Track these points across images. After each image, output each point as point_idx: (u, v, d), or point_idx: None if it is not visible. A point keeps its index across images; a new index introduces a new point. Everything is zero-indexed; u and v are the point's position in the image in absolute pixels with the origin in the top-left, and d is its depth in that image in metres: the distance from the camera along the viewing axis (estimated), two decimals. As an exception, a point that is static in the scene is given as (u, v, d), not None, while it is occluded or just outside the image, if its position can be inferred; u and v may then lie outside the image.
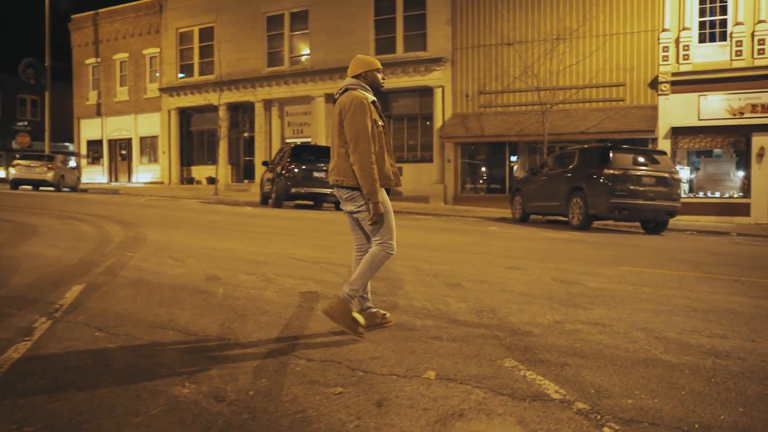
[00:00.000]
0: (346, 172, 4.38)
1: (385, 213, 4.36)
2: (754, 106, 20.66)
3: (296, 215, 16.21)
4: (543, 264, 8.41)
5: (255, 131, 29.44)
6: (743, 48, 20.81)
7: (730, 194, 21.57)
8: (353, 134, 4.30)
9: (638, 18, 22.11)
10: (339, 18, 26.91)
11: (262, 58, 29.12)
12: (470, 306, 5.56)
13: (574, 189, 14.79)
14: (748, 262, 9.76)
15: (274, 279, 6.55)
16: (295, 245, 9.48)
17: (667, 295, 6.49)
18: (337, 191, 4.54)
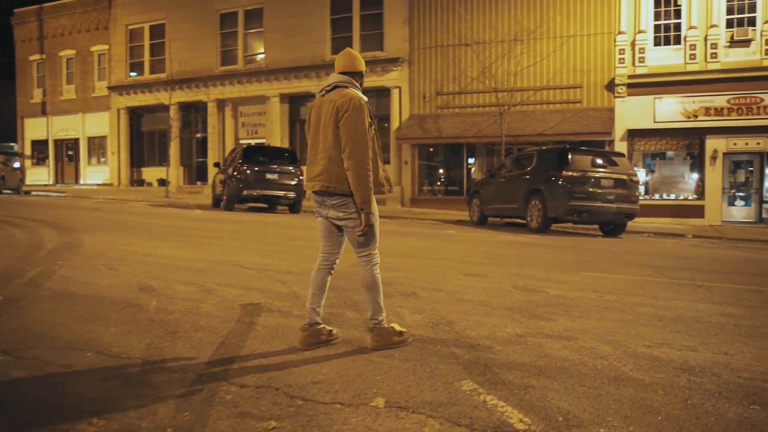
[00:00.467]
0: (339, 178, 4.03)
1: (371, 224, 4.09)
2: (707, 109, 20.85)
3: (247, 218, 15.64)
4: (502, 270, 8.08)
5: (208, 132, 28.66)
6: (697, 52, 20.99)
7: (685, 196, 21.74)
8: (352, 138, 3.97)
9: (595, 20, 22.14)
10: (294, 16, 26.36)
11: (215, 57, 28.37)
12: (425, 318, 5.17)
13: (532, 191, 14.58)
14: (708, 265, 9.61)
15: (215, 289, 6.06)
16: (243, 251, 8.97)
17: (631, 302, 6.20)
18: (320, 197, 4.16)
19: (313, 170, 4.14)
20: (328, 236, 4.26)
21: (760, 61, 20.52)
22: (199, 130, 29.79)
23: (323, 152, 4.06)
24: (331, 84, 4.13)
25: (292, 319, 4.97)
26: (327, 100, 4.09)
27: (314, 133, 4.17)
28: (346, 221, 4.09)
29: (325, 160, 4.03)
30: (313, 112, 4.22)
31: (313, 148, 4.19)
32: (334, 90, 4.11)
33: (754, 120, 20.45)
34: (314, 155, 4.16)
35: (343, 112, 3.94)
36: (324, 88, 4.18)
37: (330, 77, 4.19)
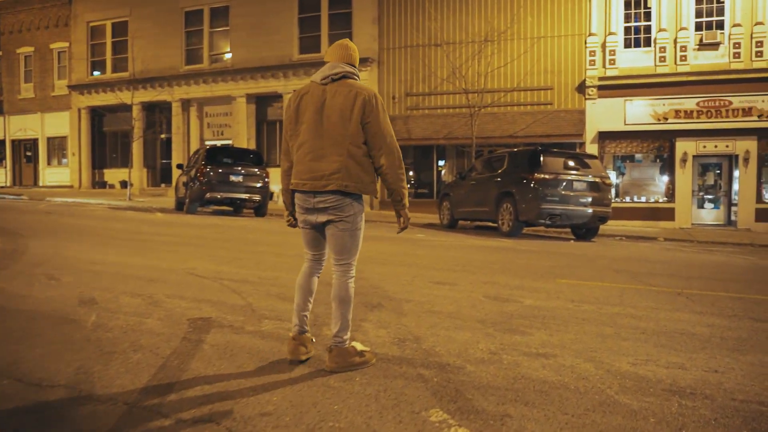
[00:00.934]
0: (357, 177, 3.72)
1: (360, 229, 3.87)
2: (677, 112, 20.82)
3: (209, 222, 15.06)
4: (474, 277, 7.70)
5: (172, 132, 27.91)
6: (666, 54, 20.95)
7: (655, 199, 21.68)
8: (386, 135, 3.73)
9: (565, 22, 21.99)
10: (261, 15, 25.79)
11: (180, 56, 27.65)
12: (391, 334, 4.75)
13: (503, 194, 14.27)
14: (684, 271, 9.35)
15: (163, 301, 5.56)
16: (200, 257, 8.45)
17: (610, 313, 5.86)
18: (312, 199, 3.76)
19: (320, 167, 3.70)
20: (316, 243, 3.93)
21: (729, 64, 20.55)
22: (164, 131, 29.02)
23: (338, 147, 3.67)
24: (340, 73, 3.74)
25: (244, 336, 4.52)
26: (338, 91, 3.69)
27: (314, 126, 3.72)
28: (340, 223, 3.74)
29: (342, 157, 3.66)
30: (309, 101, 3.76)
31: (311, 143, 3.73)
32: (343, 80, 3.73)
33: (723, 123, 20.46)
34: (316, 151, 3.71)
35: (373, 107, 3.66)
36: (329, 76, 3.76)
37: (333, 66, 3.80)
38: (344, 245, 3.76)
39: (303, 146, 3.74)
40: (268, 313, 5.32)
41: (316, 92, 3.76)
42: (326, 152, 3.65)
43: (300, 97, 3.83)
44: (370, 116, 3.65)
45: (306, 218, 3.83)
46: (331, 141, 3.64)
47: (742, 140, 20.44)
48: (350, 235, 3.78)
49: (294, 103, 3.85)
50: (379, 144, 3.69)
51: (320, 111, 3.70)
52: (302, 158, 3.74)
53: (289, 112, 3.88)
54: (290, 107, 3.88)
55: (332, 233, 3.78)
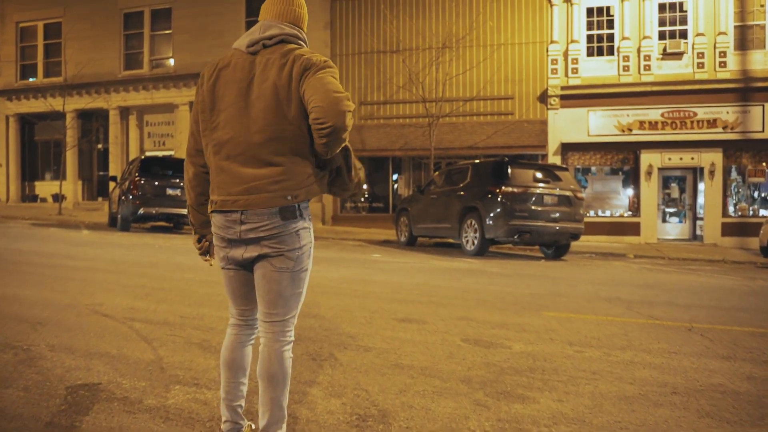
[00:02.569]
0: (305, 179, 2.48)
1: (307, 270, 2.59)
2: (641, 123, 20.10)
3: (140, 241, 13.42)
4: (445, 311, 6.40)
5: (109, 142, 26.00)
6: (630, 63, 20.24)
7: (620, 213, 20.86)
8: (329, 95, 2.34)
9: (527, 28, 21.09)
10: (206, 17, 24.23)
11: (118, 60, 25.82)
12: (348, 406, 3.42)
13: (467, 209, 13.07)
14: (680, 297, 8.24)
15: (42, 357, 4.13)
16: (113, 289, 6.94)
17: (622, 361, 4.65)
18: (244, 224, 2.46)
19: (250, 174, 2.44)
20: (246, 290, 2.62)
21: (693, 74, 19.94)
22: (101, 141, 27.07)
23: (275, 144, 2.42)
24: (275, 36, 2.49)
25: (139, 418, 3.15)
26: (271, 61, 2.45)
27: (239, 115, 2.46)
28: (278, 259, 2.45)
29: (283, 157, 2.42)
30: (230, 79, 2.50)
31: (236, 141, 2.46)
32: (279, 46, 2.48)
33: (688, 134, 19.81)
34: (244, 152, 2.45)
35: (315, 69, 2.38)
36: (259, 40, 2.50)
37: (265, 25, 2.53)
38: (281, 294, 2.48)
39: (225, 146, 2.47)
40: (182, 373, 3.94)
41: (240, 65, 2.49)
42: (258, 152, 2.42)
43: (216, 73, 2.52)
44: (310, 75, 2.38)
45: (229, 254, 2.53)
46: (264, 135, 2.41)
47: (708, 152, 19.81)
48: (291, 278, 2.48)
49: (208, 81, 2.53)
50: (316, 110, 2.32)
51: (246, 92, 2.45)
52: (223, 163, 2.48)
53: (201, 94, 2.54)
54: (202, 87, 2.55)
55: (264, 274, 2.48)
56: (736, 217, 20.04)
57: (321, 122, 2.30)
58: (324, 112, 2.29)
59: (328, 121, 2.29)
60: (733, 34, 19.83)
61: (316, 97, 2.31)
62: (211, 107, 2.51)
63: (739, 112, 19.59)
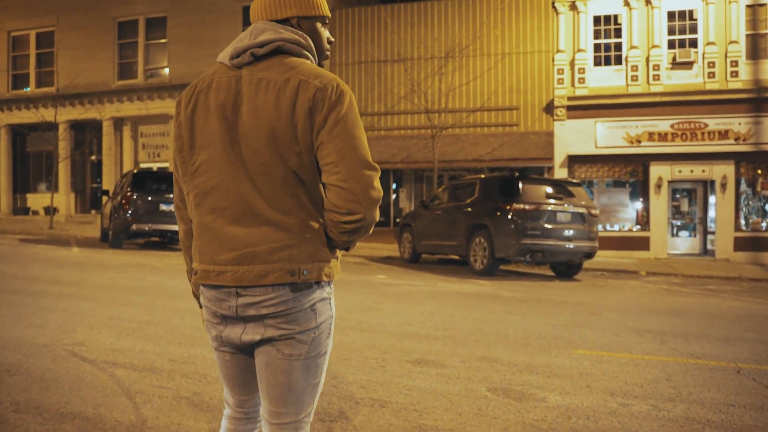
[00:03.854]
0: (313, 248, 1.83)
1: (327, 352, 1.92)
2: (651, 134, 19.50)
3: (132, 261, 12.74)
4: (464, 350, 5.75)
5: (103, 153, 25.33)
6: (639, 73, 19.66)
7: (629, 227, 20.24)
8: (353, 154, 1.78)
9: (532, 37, 20.51)
10: (201, 26, 23.63)
11: (112, 69, 25.19)
12: None
13: (475, 227, 12.44)
14: (713, 327, 7.58)
15: (2, 421, 3.49)
16: (96, 322, 6.28)
17: (676, 418, 4.02)
18: (241, 297, 1.81)
19: (244, 238, 1.80)
20: (246, 376, 1.97)
21: (704, 84, 19.37)
22: (94, 152, 26.41)
23: (276, 193, 1.78)
24: (267, 42, 1.84)
25: None
26: (264, 81, 1.81)
27: (224, 153, 1.82)
28: (286, 344, 1.81)
29: (288, 216, 1.78)
30: (211, 105, 1.85)
31: (222, 189, 1.82)
32: (275, 59, 1.84)
33: (699, 146, 19.21)
34: (233, 204, 1.81)
35: (332, 103, 1.76)
36: (247, 49, 1.84)
37: (257, 30, 1.87)
38: (292, 388, 1.85)
39: (209, 195, 1.84)
40: (165, 444, 3.31)
41: (223, 85, 1.84)
42: (254, 204, 1.78)
43: (194, 98, 1.87)
44: (328, 123, 1.75)
45: (223, 334, 1.89)
46: (261, 180, 1.78)
47: (719, 165, 19.21)
48: (305, 367, 1.85)
49: (185, 109, 1.89)
50: (338, 167, 1.75)
51: (234, 122, 1.81)
52: (207, 218, 1.85)
53: (178, 127, 1.90)
54: (178, 117, 1.91)
55: (269, 362, 1.84)
56: (748, 231, 19.44)
57: (346, 212, 1.75)
58: (350, 199, 1.74)
59: (357, 211, 1.74)
60: (744, 43, 19.28)
61: (341, 171, 1.73)
62: (190, 144, 1.86)
63: (752, 123, 19.02)
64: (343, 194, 1.73)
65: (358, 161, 1.74)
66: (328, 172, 1.74)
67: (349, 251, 2.00)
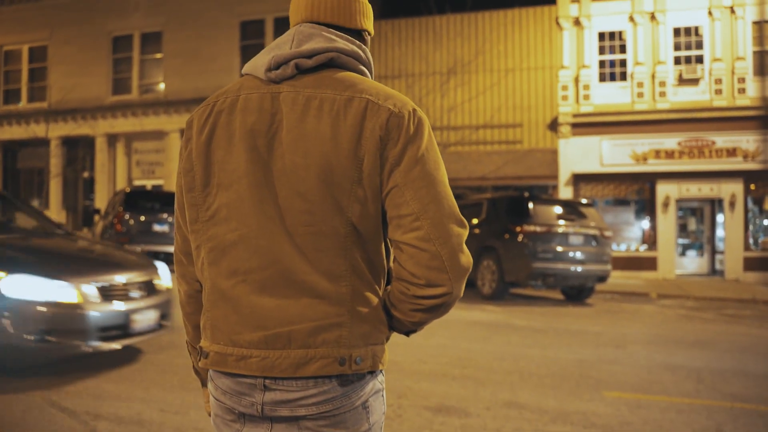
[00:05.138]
0: (370, 328, 1.38)
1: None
2: (657, 152, 19.05)
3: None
4: (487, 392, 5.20)
5: (96, 170, 24.77)
6: (644, 90, 19.25)
7: (635, 247, 19.74)
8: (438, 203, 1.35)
9: (535, 53, 20.09)
10: (198, 41, 23.16)
11: (106, 85, 24.66)
12: None
13: (484, 249, 11.91)
14: (749, 361, 7.02)
15: None
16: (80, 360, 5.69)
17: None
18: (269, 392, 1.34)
19: (276, 312, 1.34)
20: None
21: (711, 101, 18.96)
22: (87, 169, 25.85)
23: (323, 252, 1.34)
24: (317, 52, 1.40)
25: None
26: (314, 100, 1.35)
27: (251, 192, 1.36)
28: None
29: (339, 285, 1.33)
30: (232, 127, 1.40)
31: (249, 243, 1.36)
32: (327, 73, 1.40)
33: (707, 164, 18.77)
34: (262, 267, 1.35)
35: (406, 139, 1.34)
36: (284, 59, 1.39)
37: (303, 35, 1.42)
38: None
39: (229, 252, 1.39)
40: None
41: (254, 104, 1.40)
42: (293, 268, 1.34)
43: (213, 120, 1.42)
44: (404, 162, 1.33)
45: None
46: (305, 235, 1.34)
47: (727, 183, 18.76)
48: None
49: (199, 134, 1.44)
50: (420, 220, 1.33)
51: (268, 154, 1.37)
52: (225, 284, 1.39)
53: (188, 157, 1.42)
54: (189, 144, 1.46)
55: None
56: (758, 251, 18.96)
57: (426, 284, 1.32)
58: (433, 266, 1.31)
59: (441, 283, 1.32)
60: (751, 60, 18.91)
61: (423, 226, 1.30)
62: (205, 181, 1.40)
63: (760, 140, 18.60)
64: (424, 258, 1.31)
65: (445, 214, 1.32)
66: (402, 227, 1.32)
67: (409, 336, 1.49)
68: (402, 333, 1.48)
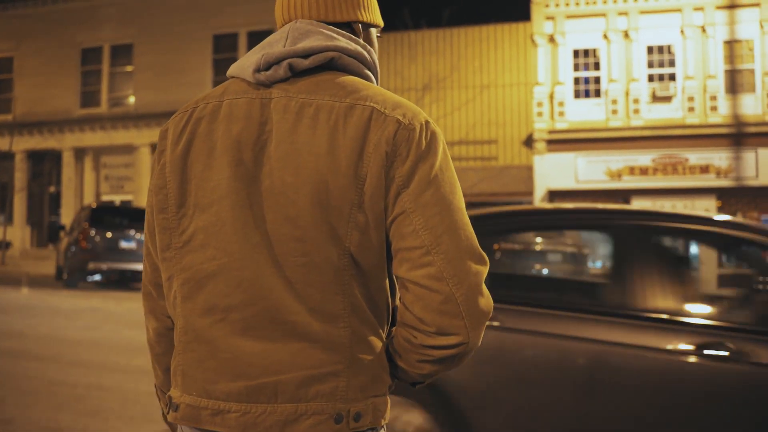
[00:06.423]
0: (369, 379, 1.14)
1: None
2: (632, 169, 19.12)
3: (84, 305, 11.67)
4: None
5: (63, 185, 24.16)
6: (619, 107, 19.34)
7: (610, 264, 19.71)
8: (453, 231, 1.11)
9: (511, 70, 20.10)
10: (170, 53, 22.79)
11: (75, 97, 24.17)
12: None
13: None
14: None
15: None
16: (33, 387, 5.33)
17: None
18: None
19: (254, 352, 1.12)
20: None
21: (683, 118, 19.11)
22: (53, 183, 25.22)
23: (322, 289, 1.12)
24: (314, 51, 1.17)
25: None
26: (308, 106, 1.14)
27: (233, 215, 1.13)
28: None
29: (333, 320, 1.11)
30: (214, 137, 1.17)
31: (229, 269, 1.13)
32: (324, 75, 1.18)
33: (680, 181, 18.88)
34: (243, 292, 1.12)
35: (417, 156, 1.12)
36: (275, 58, 1.17)
37: (299, 31, 1.20)
38: None
39: (205, 286, 1.15)
40: None
41: (240, 111, 1.18)
42: (281, 305, 1.11)
43: (191, 128, 1.21)
44: (414, 182, 1.11)
45: None
46: (295, 266, 1.12)
47: (701, 200, 18.84)
48: None
49: (174, 145, 1.21)
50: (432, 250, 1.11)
51: (254, 170, 1.15)
52: (201, 324, 1.16)
53: (162, 172, 1.22)
54: (163, 156, 1.23)
55: None
56: (732, 267, 19.05)
57: (437, 331, 1.11)
58: (445, 310, 1.10)
59: (455, 331, 1.11)
60: (723, 78, 19.12)
61: (435, 262, 1.09)
62: (180, 200, 1.19)
63: (732, 157, 18.76)
64: (434, 301, 1.10)
65: (462, 249, 1.10)
66: (409, 261, 1.11)
67: (416, 387, 1.31)
68: (407, 383, 1.26)
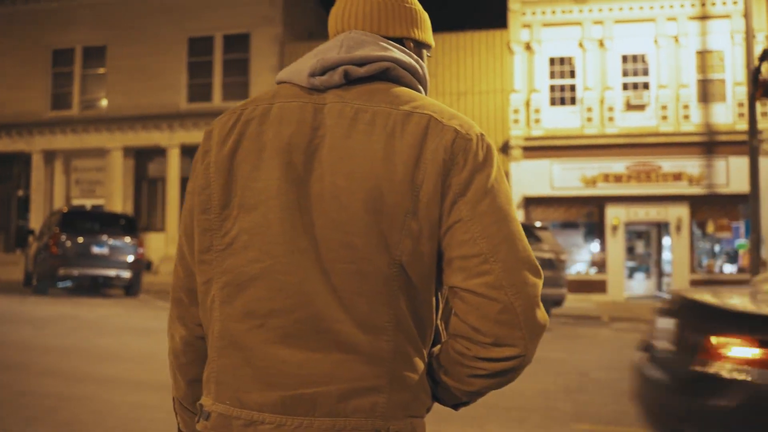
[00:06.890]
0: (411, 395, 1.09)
1: None
2: (606, 176, 19.29)
3: (54, 312, 11.36)
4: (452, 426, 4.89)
5: (32, 189, 23.65)
6: (594, 114, 19.51)
7: (586, 270, 19.86)
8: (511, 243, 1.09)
9: (487, 77, 20.18)
10: (144, 57, 22.43)
11: (45, 100, 23.68)
12: None
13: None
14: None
15: None
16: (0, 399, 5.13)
17: None
18: None
19: (294, 362, 1.07)
20: None
21: (657, 126, 19.34)
22: (21, 187, 24.70)
23: (368, 301, 1.07)
24: (370, 60, 1.16)
25: None
26: (364, 113, 1.12)
27: (280, 218, 1.09)
28: None
29: (378, 332, 1.06)
30: (263, 140, 1.14)
31: (273, 275, 1.08)
32: (377, 85, 1.15)
33: (654, 188, 19.10)
34: (286, 298, 1.07)
35: (474, 166, 1.10)
36: (331, 65, 1.16)
37: (352, 40, 1.18)
38: None
39: (245, 289, 1.10)
40: None
41: (292, 115, 1.14)
42: (325, 313, 1.07)
43: (239, 130, 1.17)
44: (471, 192, 1.09)
45: None
46: (343, 274, 1.08)
47: (674, 207, 19.09)
48: None
49: (220, 146, 1.17)
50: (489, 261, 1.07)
51: (304, 174, 1.12)
52: (237, 329, 1.11)
53: (204, 173, 1.18)
54: (207, 157, 1.18)
55: None
56: (704, 273, 19.31)
57: (493, 342, 1.07)
58: (503, 320, 1.06)
59: (512, 342, 1.07)
60: (695, 87, 19.40)
61: (494, 270, 1.05)
62: (224, 201, 1.14)
63: (704, 165, 19.03)
64: (492, 310, 1.05)
65: (520, 259, 1.07)
66: (466, 270, 1.07)
67: (458, 409, 1.24)
68: (448, 405, 1.21)
